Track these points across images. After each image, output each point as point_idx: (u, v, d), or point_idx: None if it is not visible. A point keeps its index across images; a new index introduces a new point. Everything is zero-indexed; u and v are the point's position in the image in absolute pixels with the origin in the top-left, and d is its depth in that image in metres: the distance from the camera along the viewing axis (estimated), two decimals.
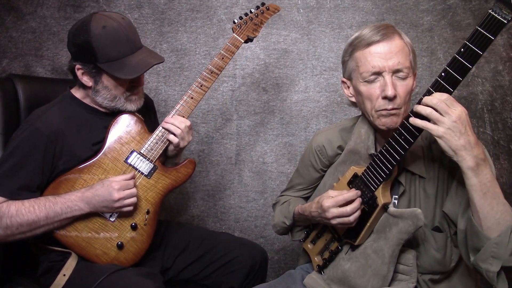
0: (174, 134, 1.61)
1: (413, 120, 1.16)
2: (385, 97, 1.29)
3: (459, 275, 1.40)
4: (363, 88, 1.34)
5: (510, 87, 2.26)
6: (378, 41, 1.30)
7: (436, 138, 1.13)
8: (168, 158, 1.74)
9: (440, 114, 1.11)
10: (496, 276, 1.16)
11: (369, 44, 1.30)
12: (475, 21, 2.24)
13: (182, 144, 1.64)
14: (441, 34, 2.27)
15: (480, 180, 1.13)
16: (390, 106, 1.29)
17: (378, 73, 1.30)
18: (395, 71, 1.29)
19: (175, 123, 1.61)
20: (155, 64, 1.56)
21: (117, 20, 1.55)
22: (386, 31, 1.31)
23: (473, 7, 2.25)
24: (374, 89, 1.31)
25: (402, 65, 1.29)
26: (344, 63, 1.42)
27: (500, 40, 2.25)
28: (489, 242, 1.16)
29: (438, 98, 1.11)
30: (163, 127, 1.63)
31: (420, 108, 1.14)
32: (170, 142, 1.64)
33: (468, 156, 1.11)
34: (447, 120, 1.10)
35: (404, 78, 1.30)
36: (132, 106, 1.63)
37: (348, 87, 1.43)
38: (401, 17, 2.27)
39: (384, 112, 1.30)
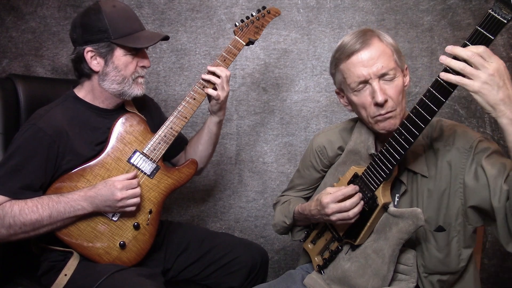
0: (215, 84, 1.65)
1: (446, 76, 1.08)
2: (376, 104, 1.29)
3: (469, 276, 1.40)
4: (355, 98, 1.35)
5: None
6: (357, 50, 1.30)
7: (472, 94, 1.05)
8: (213, 113, 1.76)
9: (476, 67, 1.04)
10: None
11: (350, 54, 1.31)
12: (475, 21, 2.24)
13: (222, 96, 1.66)
14: (441, 34, 2.27)
15: None
16: (383, 111, 1.29)
17: (365, 82, 1.30)
18: (381, 76, 1.29)
19: (216, 72, 1.65)
20: (163, 37, 1.62)
21: (122, 2, 1.62)
22: (364, 38, 1.31)
23: (473, 7, 2.25)
24: (365, 97, 1.32)
25: (386, 68, 1.28)
26: (332, 75, 1.44)
27: (500, 40, 2.25)
28: None
29: (472, 50, 1.04)
30: (203, 79, 1.66)
31: (453, 63, 1.06)
32: (209, 95, 1.68)
33: (508, 110, 1.04)
34: (483, 73, 1.03)
35: (391, 80, 1.30)
36: (138, 90, 1.63)
37: (343, 97, 1.45)
38: (401, 17, 2.28)
39: (379, 118, 1.31)
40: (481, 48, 1.04)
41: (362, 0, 2.28)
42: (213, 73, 1.66)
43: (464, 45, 1.07)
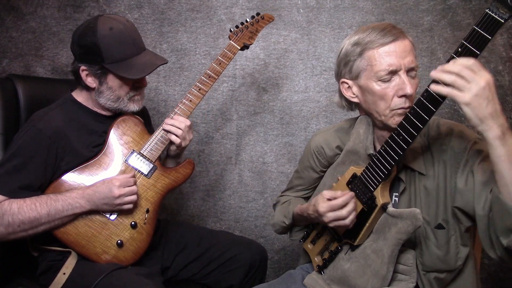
0: (176, 135, 1.64)
1: (436, 88, 1.10)
2: (403, 96, 1.27)
3: (467, 275, 1.39)
4: (377, 87, 1.31)
5: (510, 87, 2.26)
6: (393, 41, 1.28)
7: (462, 106, 1.06)
8: (170, 157, 1.77)
9: (467, 81, 1.04)
10: None
11: (384, 43, 1.28)
12: (475, 21, 2.18)
13: (184, 144, 1.67)
14: (441, 34, 2.27)
15: (508, 149, 1.07)
16: (407, 104, 1.28)
17: (394, 72, 1.28)
18: (409, 70, 1.29)
19: (175, 124, 1.64)
20: (160, 65, 1.60)
21: (123, 22, 1.59)
22: (396, 31, 1.30)
23: (473, 7, 2.24)
24: (389, 89, 1.29)
25: (415, 63, 1.29)
26: (347, 63, 1.37)
27: (500, 40, 2.24)
28: None
29: (462, 63, 1.05)
30: (163, 129, 1.66)
31: (444, 76, 1.07)
32: (171, 142, 1.67)
33: (495, 125, 1.05)
34: (474, 86, 1.03)
35: (414, 77, 1.31)
36: (134, 107, 1.65)
37: (350, 87, 1.40)
38: (401, 17, 2.27)
39: (400, 111, 1.29)
40: (471, 61, 1.05)
41: (362, 0, 2.28)
42: (172, 125, 1.65)
43: (451, 58, 1.07)
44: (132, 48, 1.58)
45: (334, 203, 1.33)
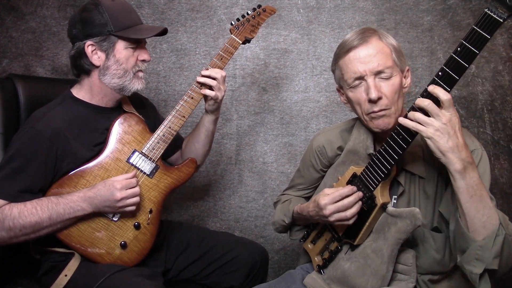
0: (210, 88, 1.65)
1: (404, 121, 1.18)
2: (369, 100, 1.30)
3: (460, 275, 1.40)
4: (351, 94, 1.36)
5: (510, 87, 2.26)
6: (355, 46, 1.32)
7: (425, 140, 1.15)
8: (208, 113, 1.75)
9: (432, 116, 1.13)
10: (478, 278, 1.18)
11: (348, 50, 1.33)
12: (475, 21, 2.22)
13: (220, 96, 1.67)
14: (441, 34, 2.27)
15: (467, 182, 1.15)
16: (376, 109, 1.30)
17: (361, 78, 1.32)
18: (377, 73, 1.30)
19: (211, 75, 1.64)
20: (163, 29, 1.64)
21: None
22: (364, 35, 1.33)
23: (473, 7, 2.24)
24: (360, 94, 1.33)
25: (383, 66, 1.30)
26: (333, 72, 1.45)
27: (500, 40, 2.24)
28: (474, 244, 1.17)
29: (430, 100, 1.14)
30: (198, 82, 1.66)
31: (410, 115, 1.17)
32: (207, 96, 1.67)
33: (455, 158, 1.13)
34: (436, 122, 1.12)
35: (388, 78, 1.31)
36: (138, 84, 1.63)
37: (343, 94, 1.45)
38: (401, 17, 2.28)
39: (373, 115, 1.32)
40: (446, 96, 1.12)
41: (362, 0, 2.28)
42: (209, 76, 1.66)
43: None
44: (135, 16, 1.63)
45: (336, 194, 1.35)
